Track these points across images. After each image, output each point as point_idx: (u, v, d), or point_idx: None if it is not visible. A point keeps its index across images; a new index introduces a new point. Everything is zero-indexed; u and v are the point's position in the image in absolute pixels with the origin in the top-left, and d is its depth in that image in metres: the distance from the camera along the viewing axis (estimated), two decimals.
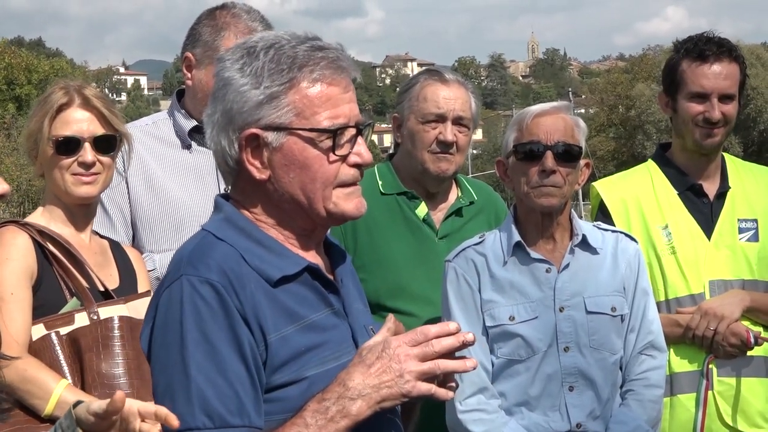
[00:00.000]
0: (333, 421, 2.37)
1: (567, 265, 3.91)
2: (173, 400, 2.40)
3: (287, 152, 2.54)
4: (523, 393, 3.88)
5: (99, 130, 3.83)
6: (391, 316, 2.54)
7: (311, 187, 2.55)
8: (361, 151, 2.60)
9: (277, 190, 2.57)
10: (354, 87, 2.63)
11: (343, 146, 2.57)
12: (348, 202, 2.60)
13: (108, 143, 3.85)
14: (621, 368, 3.99)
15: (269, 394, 2.46)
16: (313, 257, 2.64)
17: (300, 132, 2.53)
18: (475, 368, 2.47)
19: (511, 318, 3.87)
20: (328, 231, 2.80)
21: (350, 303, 2.68)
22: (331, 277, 2.67)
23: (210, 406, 2.38)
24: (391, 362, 2.39)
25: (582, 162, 3.94)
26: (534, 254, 3.91)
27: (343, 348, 2.56)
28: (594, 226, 4.09)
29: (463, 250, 4.01)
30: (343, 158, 2.57)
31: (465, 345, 2.43)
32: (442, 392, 2.45)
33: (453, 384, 2.51)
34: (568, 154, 3.85)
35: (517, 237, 3.92)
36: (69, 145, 3.78)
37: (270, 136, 2.54)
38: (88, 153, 3.79)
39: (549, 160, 3.82)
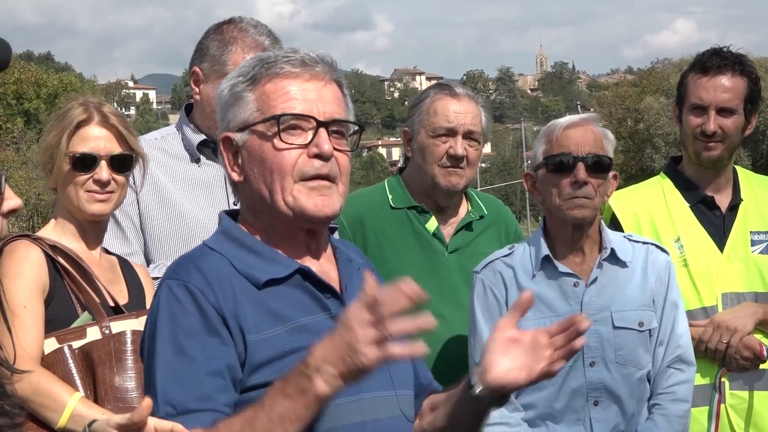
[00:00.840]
0: (290, 399, 2.30)
1: (595, 279, 3.91)
2: (150, 397, 2.46)
3: (250, 149, 2.60)
4: (548, 406, 3.88)
5: (116, 149, 3.84)
6: (366, 273, 2.35)
7: (270, 179, 2.57)
8: (320, 143, 2.56)
9: (251, 190, 2.62)
10: (335, 88, 2.65)
11: (297, 135, 2.56)
12: (308, 198, 2.56)
13: (124, 162, 3.86)
14: (649, 381, 3.99)
15: (249, 393, 2.45)
16: (309, 262, 2.64)
17: (257, 126, 2.59)
18: (434, 326, 2.29)
19: None
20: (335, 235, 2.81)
21: None
22: (336, 284, 2.65)
23: (172, 396, 2.42)
24: (347, 333, 2.27)
25: (610, 174, 3.95)
26: (562, 268, 3.91)
27: None
28: (624, 237, 4.08)
29: (492, 261, 4.01)
30: (302, 147, 2.56)
31: (416, 302, 2.28)
32: (401, 351, 2.26)
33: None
34: (598, 165, 3.87)
35: (545, 250, 3.92)
36: (85, 162, 3.79)
37: (237, 137, 2.61)
38: (103, 171, 3.80)
39: (581, 171, 3.83)
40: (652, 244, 4.09)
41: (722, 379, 4.39)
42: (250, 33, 4.39)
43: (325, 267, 2.68)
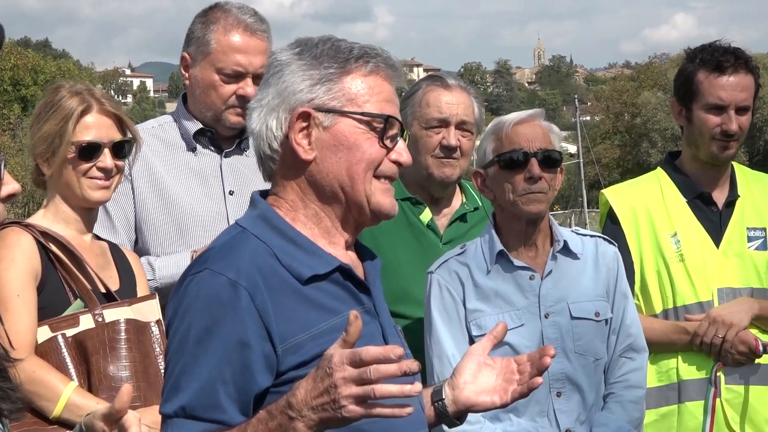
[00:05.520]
0: None
1: (550, 272, 3.93)
2: (165, 388, 2.48)
3: (337, 133, 2.60)
4: None
5: (117, 136, 3.86)
6: (352, 313, 2.35)
7: (356, 168, 2.59)
8: (401, 151, 2.65)
9: (321, 172, 2.61)
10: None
11: (389, 138, 2.62)
12: (384, 196, 2.64)
13: (123, 148, 3.87)
14: (604, 372, 4.03)
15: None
16: (344, 257, 2.66)
17: (352, 115, 2.59)
18: (419, 393, 2.33)
19: None
20: None
21: (380, 303, 2.71)
22: (362, 277, 2.69)
23: (186, 398, 2.42)
24: (329, 384, 2.29)
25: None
26: (517, 262, 3.93)
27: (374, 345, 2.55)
28: (572, 231, 4.12)
29: (446, 261, 4.02)
30: (387, 150, 2.63)
31: (407, 374, 2.29)
32: (386, 411, 2.31)
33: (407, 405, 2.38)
34: (550, 160, 3.89)
35: (499, 246, 3.93)
36: (89, 150, 3.80)
37: (321, 116, 2.59)
38: (107, 158, 3.81)
39: (535, 167, 3.85)
40: (599, 236, 4.13)
41: (718, 374, 4.40)
42: (232, 12, 4.42)
43: (354, 261, 2.72)
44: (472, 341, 3.86)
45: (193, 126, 4.47)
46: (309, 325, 2.48)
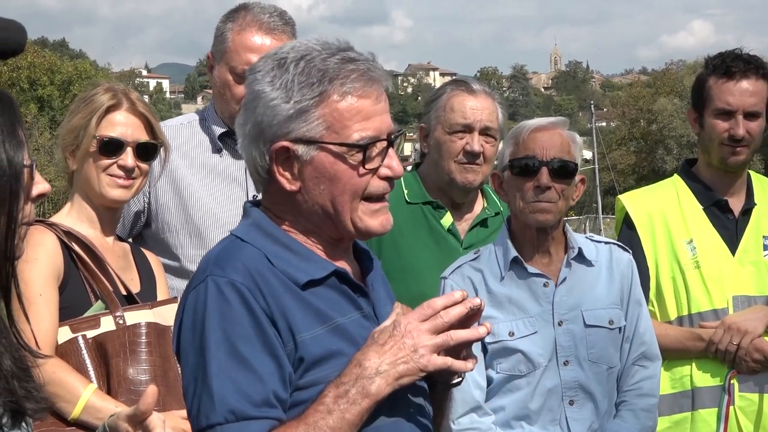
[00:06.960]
0: (355, 404, 2.40)
1: (564, 279, 3.91)
2: (200, 400, 2.45)
3: (318, 165, 2.56)
4: (523, 407, 3.87)
5: (143, 137, 3.85)
6: (397, 304, 2.57)
7: (340, 199, 2.57)
8: (392, 164, 2.61)
9: (307, 201, 2.60)
10: (386, 96, 2.65)
11: (374, 159, 2.58)
12: (373, 218, 2.62)
13: (148, 151, 3.87)
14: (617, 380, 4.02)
15: (297, 393, 2.49)
16: (341, 263, 2.66)
17: (330, 146, 2.55)
18: (489, 333, 2.52)
19: (511, 333, 3.87)
20: None
21: (380, 307, 2.70)
22: (360, 282, 2.70)
23: (231, 401, 2.41)
24: (404, 338, 2.43)
25: (577, 178, 3.93)
26: (531, 269, 3.91)
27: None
28: (587, 238, 4.09)
29: (459, 266, 4.00)
30: (374, 171, 2.59)
31: (473, 311, 2.48)
32: (459, 364, 2.49)
33: (473, 358, 2.56)
34: (563, 170, 3.84)
35: (513, 252, 3.91)
36: (111, 147, 3.80)
37: (300, 149, 2.56)
38: (129, 157, 3.81)
39: (544, 176, 3.81)
40: (613, 243, 4.11)
41: (732, 381, 4.40)
42: (252, 11, 4.41)
43: (352, 265, 2.73)
44: (484, 347, 3.87)
45: (219, 128, 4.47)
46: (306, 328, 2.50)
